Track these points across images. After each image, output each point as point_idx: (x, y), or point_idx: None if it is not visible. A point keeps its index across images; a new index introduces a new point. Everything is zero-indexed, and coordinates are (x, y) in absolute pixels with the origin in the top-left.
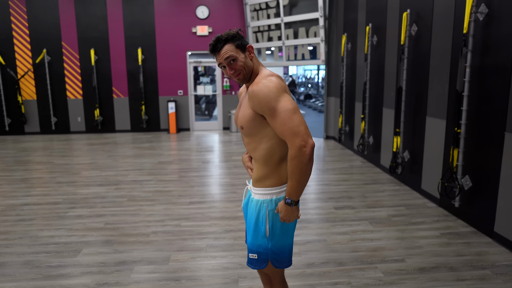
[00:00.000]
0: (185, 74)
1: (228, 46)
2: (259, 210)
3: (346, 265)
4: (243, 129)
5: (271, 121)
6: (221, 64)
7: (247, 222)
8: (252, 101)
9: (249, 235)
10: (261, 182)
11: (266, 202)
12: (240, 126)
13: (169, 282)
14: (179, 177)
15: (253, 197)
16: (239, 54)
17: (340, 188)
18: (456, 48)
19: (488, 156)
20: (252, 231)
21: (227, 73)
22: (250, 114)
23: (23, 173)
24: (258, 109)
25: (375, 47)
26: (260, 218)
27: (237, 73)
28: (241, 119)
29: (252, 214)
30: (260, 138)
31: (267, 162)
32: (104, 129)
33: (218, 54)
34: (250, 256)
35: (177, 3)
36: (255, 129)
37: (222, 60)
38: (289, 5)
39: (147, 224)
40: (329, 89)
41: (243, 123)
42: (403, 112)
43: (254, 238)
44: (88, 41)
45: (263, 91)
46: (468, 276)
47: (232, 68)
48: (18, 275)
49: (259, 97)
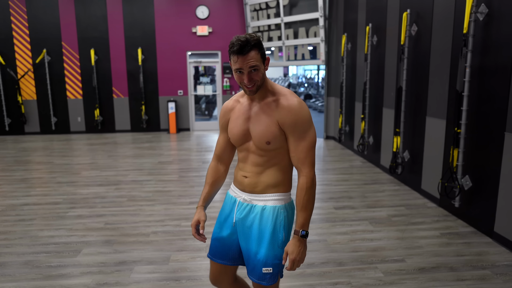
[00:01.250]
0: (185, 74)
1: (255, 53)
2: (276, 216)
3: (346, 265)
4: (269, 144)
5: (294, 142)
6: (241, 69)
7: (252, 236)
8: (285, 116)
9: (262, 248)
10: (276, 188)
11: (282, 207)
12: (265, 141)
13: (169, 282)
14: (179, 177)
15: (265, 205)
16: (261, 65)
17: (340, 188)
18: (456, 48)
19: (488, 156)
20: (267, 243)
21: (242, 79)
22: (277, 130)
23: (23, 173)
24: (288, 126)
25: (375, 47)
26: (277, 225)
27: (253, 83)
28: (267, 134)
29: (267, 223)
30: (282, 150)
31: (285, 170)
32: (104, 129)
33: (242, 57)
34: (264, 271)
35: (177, 3)
36: (280, 143)
37: (245, 66)
38: (289, 5)
39: (147, 224)
40: (329, 89)
41: (270, 138)
42: (403, 112)
43: (270, 250)
44: (88, 41)
45: (303, 111)
46: (468, 276)
47: (252, 77)
48: (18, 275)
49: (296, 115)
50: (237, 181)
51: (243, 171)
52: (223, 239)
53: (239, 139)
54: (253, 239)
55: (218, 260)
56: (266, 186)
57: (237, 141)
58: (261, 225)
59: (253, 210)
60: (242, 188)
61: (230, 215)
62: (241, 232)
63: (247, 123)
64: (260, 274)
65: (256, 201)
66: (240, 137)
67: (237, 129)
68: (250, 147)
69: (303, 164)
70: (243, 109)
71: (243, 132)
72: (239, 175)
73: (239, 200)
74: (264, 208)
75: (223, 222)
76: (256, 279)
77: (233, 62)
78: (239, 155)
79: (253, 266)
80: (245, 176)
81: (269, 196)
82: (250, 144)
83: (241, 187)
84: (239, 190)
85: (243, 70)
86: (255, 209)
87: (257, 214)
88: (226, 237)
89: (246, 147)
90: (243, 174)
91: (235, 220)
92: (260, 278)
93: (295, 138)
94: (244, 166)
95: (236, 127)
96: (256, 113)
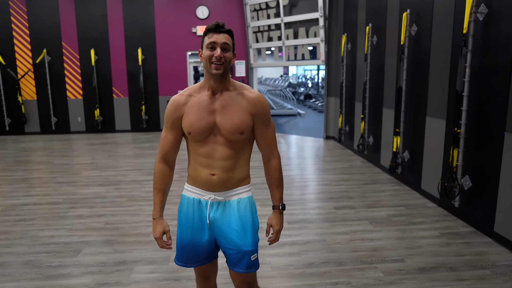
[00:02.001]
0: (185, 74)
1: (229, 36)
2: (251, 206)
3: (346, 265)
4: (242, 134)
5: (264, 129)
6: (214, 43)
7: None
8: (256, 107)
9: (248, 238)
10: (245, 180)
11: (252, 197)
12: (239, 132)
13: (169, 282)
14: (179, 177)
15: (240, 198)
16: (230, 49)
17: (340, 188)
18: (456, 48)
19: (488, 156)
20: (250, 232)
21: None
22: (249, 120)
23: (23, 173)
24: (260, 116)
25: (375, 47)
26: (254, 214)
27: (222, 61)
28: (241, 124)
29: (246, 214)
30: (249, 141)
31: (248, 163)
32: (104, 129)
33: (217, 34)
34: (252, 259)
35: (177, 3)
36: (249, 132)
37: (219, 41)
38: (289, 5)
39: (147, 224)
40: (329, 89)
41: (243, 128)
42: (403, 112)
43: (253, 237)
44: (88, 41)
45: (265, 102)
46: (468, 276)
47: (224, 54)
48: (18, 275)
49: (264, 106)
50: (200, 181)
51: (209, 168)
52: (196, 243)
53: (202, 133)
54: (234, 233)
55: (195, 264)
56: (238, 180)
57: (200, 135)
58: (240, 217)
59: (228, 205)
60: (210, 188)
61: (200, 217)
62: (218, 229)
63: (212, 116)
64: (249, 263)
65: (230, 197)
66: (205, 131)
67: (200, 123)
68: (217, 141)
69: (273, 147)
70: (203, 103)
71: (209, 125)
72: (204, 174)
73: (209, 201)
74: (239, 201)
75: (191, 226)
76: (244, 269)
77: (207, 39)
78: (200, 151)
79: (239, 259)
80: (213, 174)
81: (241, 189)
82: (216, 138)
83: (207, 187)
84: (204, 191)
85: (216, 45)
86: (230, 204)
87: (234, 209)
88: (199, 239)
89: (211, 141)
90: (211, 172)
91: (210, 221)
92: (249, 267)
93: (265, 126)
94: (210, 162)
95: (198, 120)
96: (223, 106)
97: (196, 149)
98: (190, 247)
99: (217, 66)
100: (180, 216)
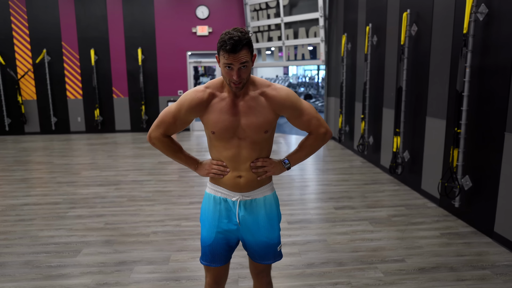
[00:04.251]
0: (185, 74)
1: (246, 50)
2: (276, 201)
3: (346, 265)
4: (267, 132)
5: (298, 119)
6: (231, 65)
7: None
8: (279, 104)
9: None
10: (269, 178)
11: (275, 193)
12: (264, 131)
13: (169, 282)
14: (179, 177)
15: (266, 196)
16: (250, 61)
17: (340, 188)
18: (456, 48)
19: (488, 156)
20: (276, 225)
21: (231, 75)
22: (273, 118)
23: (23, 173)
24: (287, 111)
25: (375, 47)
26: (278, 209)
27: (240, 80)
28: (265, 124)
29: (272, 210)
30: (271, 137)
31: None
32: (104, 129)
33: (234, 55)
34: (278, 249)
35: (177, 3)
36: (273, 129)
37: (236, 63)
38: (289, 5)
39: (147, 224)
40: (329, 89)
41: (267, 127)
42: (403, 112)
43: (278, 229)
44: (88, 41)
45: (289, 95)
46: (468, 276)
47: (240, 75)
48: (18, 275)
49: (287, 100)
50: (227, 183)
51: (236, 171)
52: (220, 241)
53: (227, 133)
54: (263, 230)
55: (217, 264)
56: (263, 179)
57: (225, 134)
58: (267, 214)
59: (255, 204)
60: (237, 189)
61: (228, 217)
62: (246, 227)
63: (236, 118)
64: (276, 254)
65: (256, 195)
66: (229, 131)
67: (224, 123)
68: (241, 144)
69: (317, 126)
70: (226, 105)
71: (233, 126)
72: (230, 177)
73: (238, 200)
74: (265, 198)
75: (217, 225)
76: (272, 260)
77: (223, 58)
78: (224, 154)
79: (266, 252)
80: (240, 176)
81: (266, 187)
82: (241, 141)
83: (234, 188)
84: (232, 192)
85: (233, 66)
86: (257, 202)
87: (261, 206)
88: (223, 238)
89: (236, 144)
90: (237, 175)
91: (240, 219)
92: (275, 257)
93: (297, 116)
94: (236, 165)
95: (223, 121)
96: (247, 107)
97: (221, 152)
98: (214, 245)
99: (236, 85)
100: (206, 214)
